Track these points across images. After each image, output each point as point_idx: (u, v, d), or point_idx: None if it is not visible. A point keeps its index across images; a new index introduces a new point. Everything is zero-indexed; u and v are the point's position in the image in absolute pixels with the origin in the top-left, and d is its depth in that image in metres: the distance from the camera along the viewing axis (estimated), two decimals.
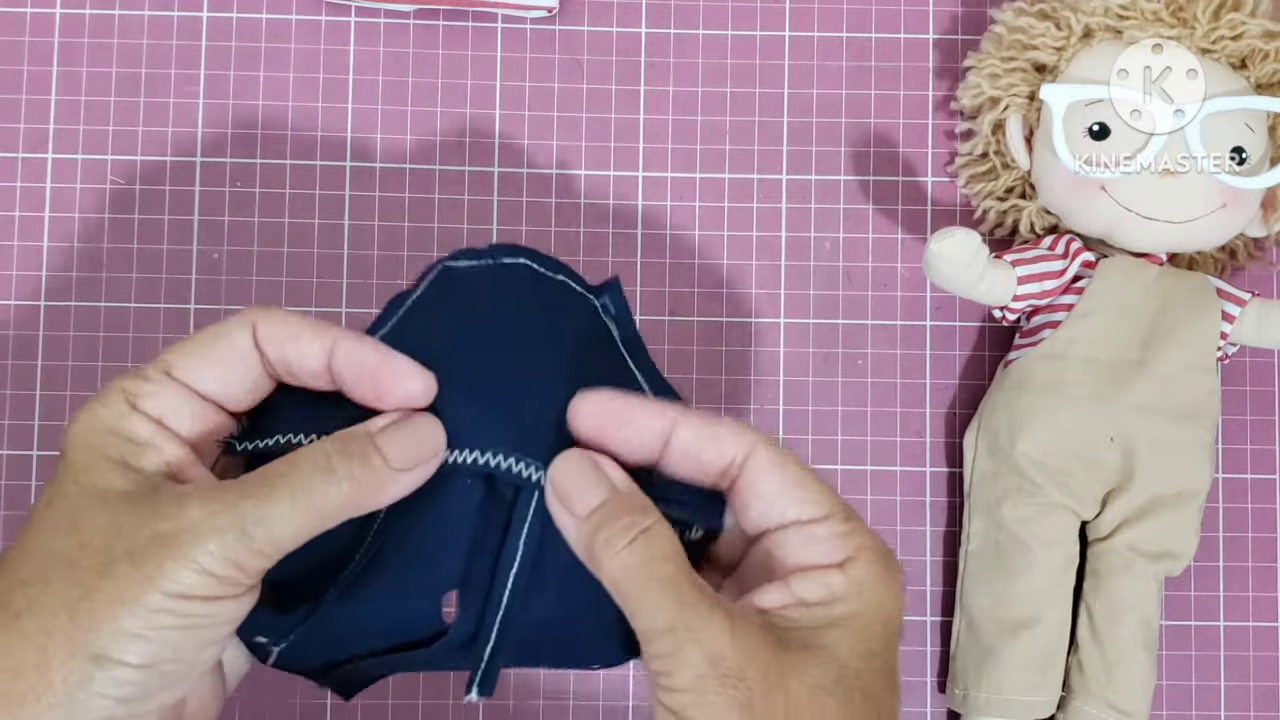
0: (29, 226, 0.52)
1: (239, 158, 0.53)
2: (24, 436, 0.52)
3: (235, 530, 0.31)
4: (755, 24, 0.54)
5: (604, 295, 0.41)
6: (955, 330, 0.53)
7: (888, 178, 0.54)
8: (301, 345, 0.34)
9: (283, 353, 0.34)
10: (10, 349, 0.52)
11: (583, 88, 0.53)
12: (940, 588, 0.52)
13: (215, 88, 0.53)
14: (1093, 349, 0.48)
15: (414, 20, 0.53)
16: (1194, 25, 0.48)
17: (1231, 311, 0.49)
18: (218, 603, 0.32)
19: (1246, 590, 0.53)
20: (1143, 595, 0.48)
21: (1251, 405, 0.53)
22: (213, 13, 0.53)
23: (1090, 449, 0.48)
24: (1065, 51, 0.49)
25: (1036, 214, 0.51)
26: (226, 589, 0.32)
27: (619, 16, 0.54)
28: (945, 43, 0.54)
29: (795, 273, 0.53)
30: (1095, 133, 0.48)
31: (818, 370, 0.53)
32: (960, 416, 0.53)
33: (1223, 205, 0.48)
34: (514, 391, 0.36)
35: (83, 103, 0.53)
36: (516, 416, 0.36)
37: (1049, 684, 0.49)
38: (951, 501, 0.53)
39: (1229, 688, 0.52)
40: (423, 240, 0.53)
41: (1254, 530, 0.53)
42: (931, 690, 0.52)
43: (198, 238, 0.52)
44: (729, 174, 0.53)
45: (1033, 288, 0.49)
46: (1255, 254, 0.52)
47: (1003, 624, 0.49)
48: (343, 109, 0.53)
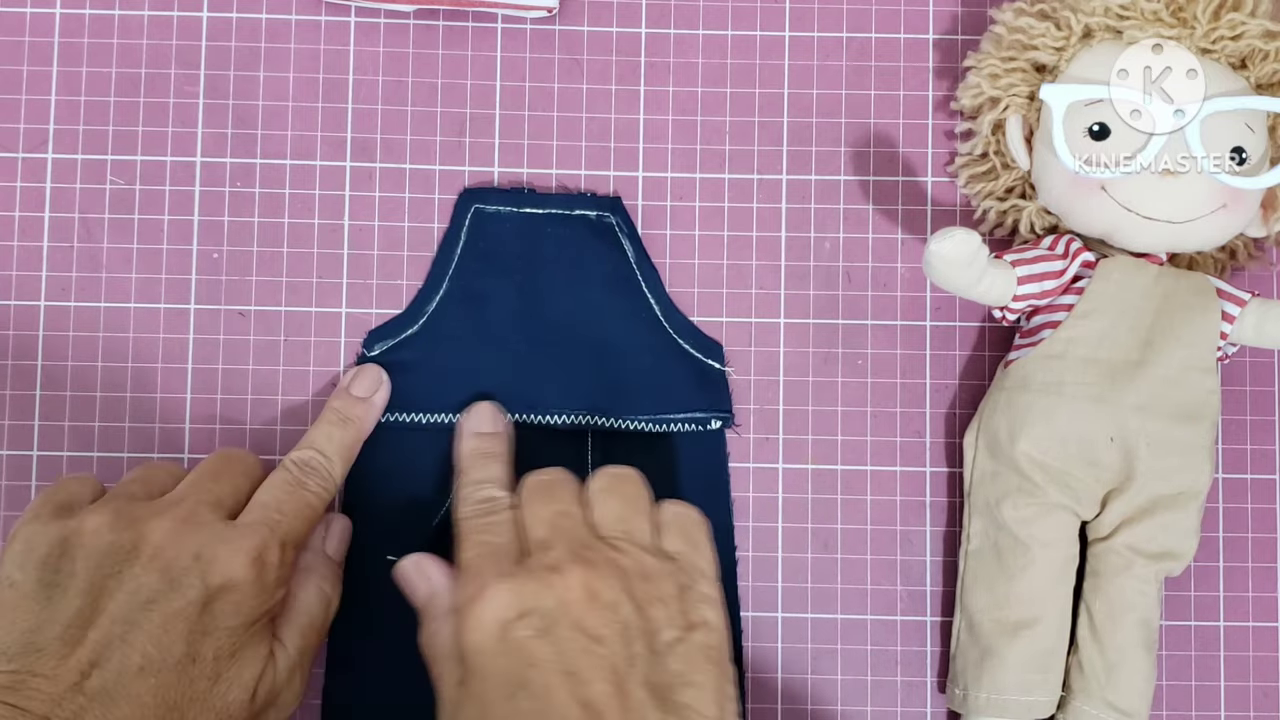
0: (29, 226, 0.52)
1: (239, 158, 0.53)
2: (24, 436, 0.52)
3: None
4: (755, 24, 0.54)
5: (615, 213, 0.52)
6: (955, 330, 0.53)
7: (888, 178, 0.54)
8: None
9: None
10: (10, 349, 0.52)
11: (583, 88, 0.53)
12: (940, 588, 0.52)
13: (215, 88, 0.53)
14: (1093, 349, 0.48)
15: (414, 20, 0.53)
16: (1194, 25, 0.48)
17: (1231, 311, 0.49)
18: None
19: (1246, 590, 0.53)
20: (1143, 595, 0.48)
21: (1251, 405, 0.53)
22: (213, 13, 0.53)
23: (1090, 449, 0.48)
24: (1065, 51, 0.49)
25: (1036, 214, 0.51)
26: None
27: (619, 16, 0.54)
28: (945, 43, 0.54)
29: (795, 273, 0.53)
30: (1095, 133, 0.48)
31: (818, 370, 0.53)
32: (960, 416, 0.53)
33: (1223, 205, 0.48)
34: (562, 354, 0.51)
35: (83, 103, 0.53)
36: (566, 377, 0.51)
37: (1049, 684, 0.49)
38: (951, 501, 0.53)
39: (1229, 688, 0.52)
40: (423, 240, 0.53)
41: (1254, 530, 0.53)
42: (931, 690, 0.52)
43: (198, 238, 0.52)
44: (729, 174, 0.53)
45: (1033, 288, 0.49)
46: (1255, 254, 0.52)
47: (1003, 624, 0.49)
48: (343, 109, 0.53)
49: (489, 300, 0.51)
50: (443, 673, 0.43)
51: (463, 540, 0.45)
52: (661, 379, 0.51)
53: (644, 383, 0.51)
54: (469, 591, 0.43)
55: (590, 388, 0.51)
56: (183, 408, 0.52)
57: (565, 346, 0.51)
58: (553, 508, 0.45)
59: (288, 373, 0.52)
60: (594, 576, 0.42)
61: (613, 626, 0.41)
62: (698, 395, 0.52)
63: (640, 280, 0.52)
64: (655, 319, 0.52)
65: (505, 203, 0.52)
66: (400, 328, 0.52)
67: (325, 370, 0.52)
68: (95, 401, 0.52)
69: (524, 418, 0.51)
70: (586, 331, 0.51)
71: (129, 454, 0.51)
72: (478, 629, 0.41)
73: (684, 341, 0.52)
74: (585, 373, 0.51)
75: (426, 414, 0.51)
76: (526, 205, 0.52)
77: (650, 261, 0.52)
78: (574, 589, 0.42)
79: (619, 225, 0.52)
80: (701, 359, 0.52)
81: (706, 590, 0.44)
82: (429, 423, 0.51)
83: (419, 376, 0.51)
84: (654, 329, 0.52)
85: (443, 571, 0.46)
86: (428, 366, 0.51)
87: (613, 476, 0.46)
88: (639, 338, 0.52)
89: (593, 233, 0.52)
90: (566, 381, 0.51)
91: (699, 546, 0.45)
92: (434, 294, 0.52)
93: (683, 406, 0.51)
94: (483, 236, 0.52)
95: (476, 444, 0.49)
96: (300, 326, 0.52)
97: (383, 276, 0.53)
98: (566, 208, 0.52)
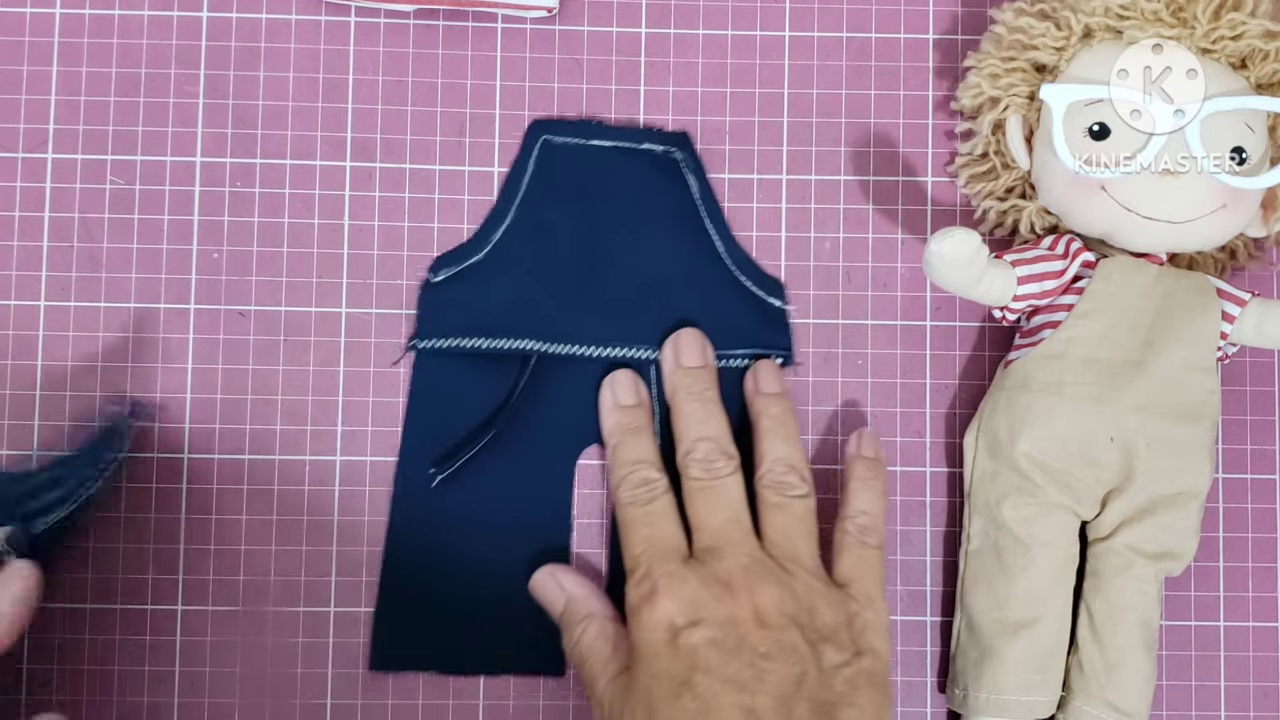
0: (29, 226, 0.52)
1: (239, 158, 0.53)
2: (24, 436, 0.52)
3: None
4: (755, 24, 0.54)
5: (682, 149, 0.52)
6: (955, 330, 0.53)
7: (888, 178, 0.54)
8: None
9: None
10: (10, 349, 0.52)
11: (583, 88, 0.53)
12: (940, 588, 0.52)
13: (215, 88, 0.53)
14: (1093, 349, 0.48)
15: (414, 20, 0.53)
16: (1194, 25, 0.48)
17: (1231, 311, 0.49)
18: None
19: (1246, 590, 0.53)
20: (1143, 595, 0.48)
21: (1251, 405, 0.53)
22: (213, 13, 0.53)
23: (1090, 449, 0.48)
24: (1065, 51, 0.49)
25: (1036, 214, 0.51)
26: None
27: (619, 16, 0.54)
28: (945, 43, 0.54)
29: (795, 273, 0.53)
30: (1095, 133, 0.48)
31: (818, 370, 0.53)
32: (960, 416, 0.53)
33: (1223, 205, 0.48)
34: (623, 287, 0.51)
35: (83, 103, 0.53)
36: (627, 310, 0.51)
37: (1049, 684, 0.49)
38: (951, 501, 0.53)
39: (1229, 688, 0.52)
40: (423, 240, 0.53)
41: (1254, 530, 0.53)
42: (931, 690, 0.52)
43: (198, 238, 0.52)
44: (729, 174, 0.53)
45: (1033, 288, 0.49)
46: (1255, 254, 0.52)
47: (1003, 624, 0.49)
48: (343, 109, 0.53)
49: (553, 230, 0.52)
50: (595, 674, 0.46)
51: (626, 530, 0.47)
52: (722, 315, 0.52)
53: (705, 318, 0.52)
54: (642, 591, 0.45)
55: (652, 321, 0.51)
56: (183, 408, 0.52)
57: (628, 279, 0.52)
58: (724, 512, 0.47)
59: (288, 373, 0.52)
60: (762, 596, 0.44)
61: (780, 647, 0.43)
62: (758, 332, 0.52)
63: (704, 216, 0.52)
64: (717, 255, 0.52)
65: (573, 134, 0.53)
66: (465, 255, 0.52)
67: (325, 370, 0.52)
68: (95, 402, 0.52)
69: (585, 349, 0.51)
70: (649, 265, 0.52)
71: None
72: (651, 629, 0.44)
73: (745, 279, 0.52)
74: (647, 305, 0.51)
75: (487, 339, 0.51)
76: (594, 137, 0.53)
77: (715, 198, 0.53)
78: (743, 607, 0.44)
79: (684, 161, 0.52)
80: (763, 296, 0.52)
81: (874, 618, 0.46)
82: (488, 348, 0.51)
83: (482, 303, 0.51)
84: (716, 265, 0.52)
85: (576, 581, 0.49)
86: (491, 293, 0.52)
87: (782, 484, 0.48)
88: (701, 273, 0.52)
89: (658, 167, 0.52)
90: (628, 314, 0.51)
91: (870, 573, 0.47)
92: (500, 223, 0.52)
93: (743, 342, 0.52)
94: (550, 167, 0.52)
95: (622, 418, 0.50)
96: (300, 326, 0.52)
97: (383, 276, 0.53)
98: (634, 141, 0.52)
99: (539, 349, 0.51)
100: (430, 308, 0.52)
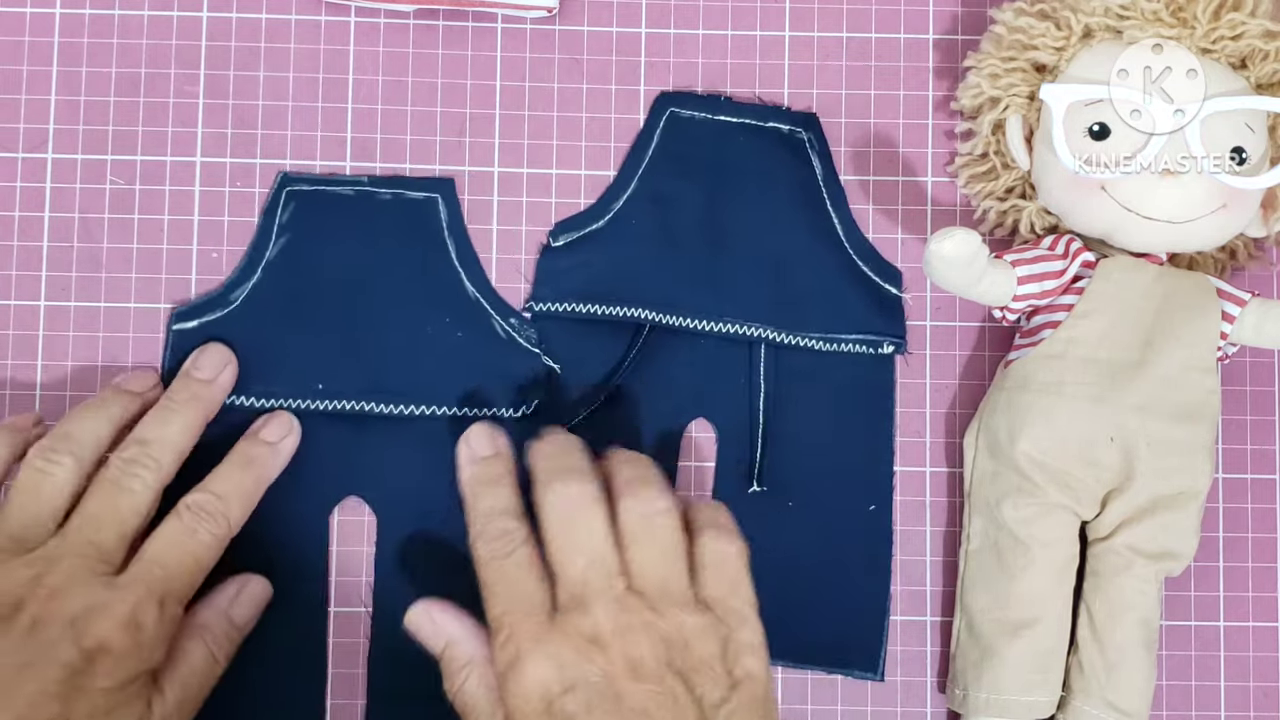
0: (29, 226, 0.52)
1: (239, 158, 0.53)
2: None
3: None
4: (755, 24, 0.54)
5: (809, 130, 0.53)
6: (955, 330, 0.53)
7: (888, 178, 0.54)
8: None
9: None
10: (10, 349, 0.52)
11: (583, 88, 0.53)
12: (940, 588, 0.52)
13: (215, 88, 0.53)
14: (1093, 349, 0.48)
15: (414, 20, 0.53)
16: (1194, 25, 0.48)
17: (1231, 311, 0.49)
18: None
19: (1246, 590, 0.53)
20: (1143, 595, 0.48)
21: (1251, 405, 0.53)
22: (213, 13, 0.53)
23: (1090, 449, 0.48)
24: (1065, 51, 0.49)
25: (1036, 214, 0.51)
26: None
27: (619, 16, 0.54)
28: (945, 43, 0.54)
29: None
30: (1095, 133, 0.48)
31: None
32: (960, 416, 0.53)
33: (1223, 205, 0.48)
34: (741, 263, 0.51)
35: (83, 103, 0.53)
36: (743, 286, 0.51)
37: (1049, 684, 0.49)
38: (951, 501, 0.53)
39: (1229, 688, 0.52)
40: None
41: (1254, 530, 0.53)
42: (931, 690, 0.52)
43: (198, 238, 0.52)
44: None
45: (1033, 288, 0.49)
46: (1255, 254, 0.52)
47: (1003, 624, 0.49)
48: (343, 109, 0.53)
49: (674, 203, 0.52)
50: None
51: (486, 586, 0.44)
52: (838, 298, 0.52)
53: (820, 300, 0.52)
54: (507, 655, 0.42)
55: (766, 299, 0.51)
56: None
57: (745, 256, 0.52)
58: (584, 556, 0.43)
59: None
60: (634, 647, 0.42)
61: (658, 699, 0.41)
62: (873, 317, 0.52)
63: (826, 199, 0.52)
64: (837, 238, 0.52)
65: (700, 108, 0.53)
66: (586, 222, 0.52)
67: None
68: None
69: (698, 323, 0.51)
70: (767, 243, 0.52)
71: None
72: (522, 699, 0.41)
73: (863, 264, 0.52)
74: (763, 284, 0.52)
75: (602, 305, 0.51)
76: (721, 113, 0.53)
77: (839, 181, 0.53)
78: (615, 662, 0.42)
79: (810, 142, 0.53)
80: (879, 283, 0.52)
81: (747, 638, 0.44)
82: (603, 314, 0.51)
83: (600, 270, 0.52)
84: (834, 248, 0.52)
85: (454, 619, 0.46)
86: (609, 261, 0.52)
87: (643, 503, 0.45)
88: (819, 255, 0.52)
89: (784, 146, 0.52)
90: (744, 291, 0.51)
91: (738, 587, 0.44)
92: (622, 192, 0.52)
93: (857, 327, 0.52)
94: (675, 139, 0.53)
95: (478, 470, 0.47)
96: None
97: None
98: (760, 119, 0.53)
99: (653, 318, 0.51)
100: (548, 272, 0.52)
